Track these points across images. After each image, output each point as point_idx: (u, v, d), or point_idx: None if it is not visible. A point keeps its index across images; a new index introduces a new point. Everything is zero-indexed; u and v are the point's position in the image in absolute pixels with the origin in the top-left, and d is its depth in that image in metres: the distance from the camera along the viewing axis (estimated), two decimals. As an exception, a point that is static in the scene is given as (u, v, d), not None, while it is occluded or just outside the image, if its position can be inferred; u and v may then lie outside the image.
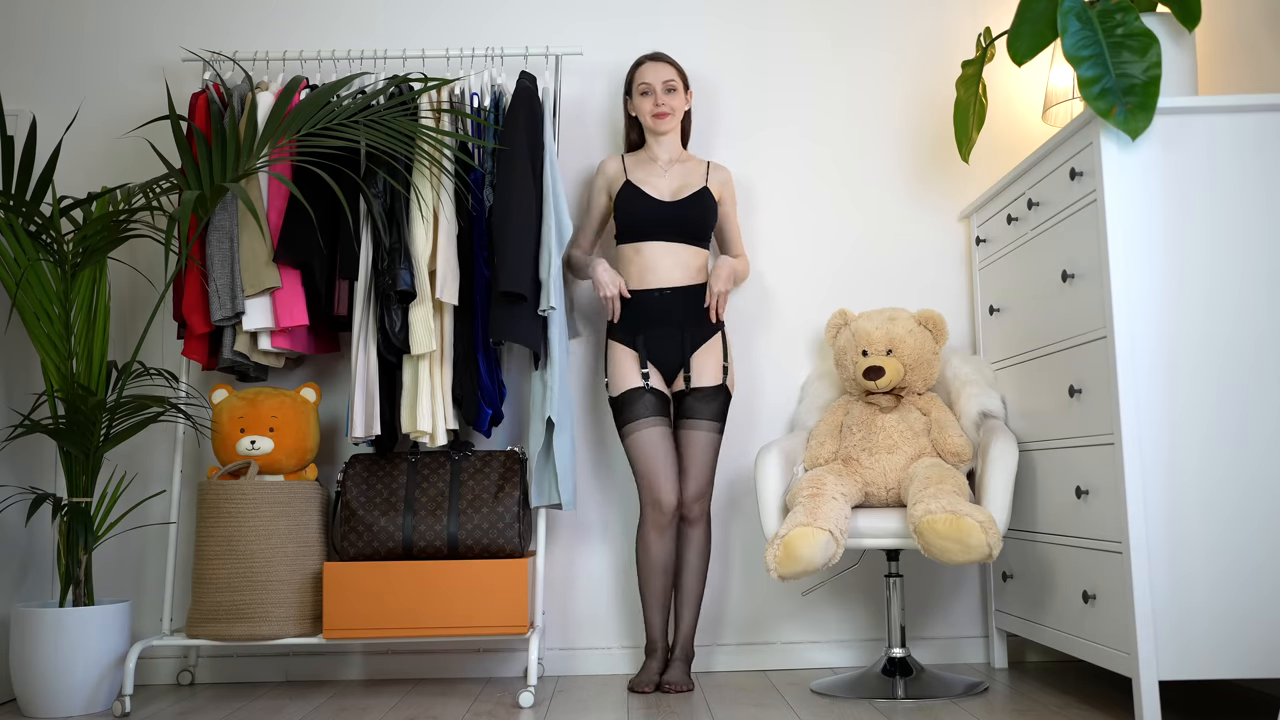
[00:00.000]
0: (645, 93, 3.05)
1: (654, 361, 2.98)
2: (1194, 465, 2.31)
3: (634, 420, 2.92)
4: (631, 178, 3.06)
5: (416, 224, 2.90)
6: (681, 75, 3.09)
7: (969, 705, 2.63)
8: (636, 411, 2.93)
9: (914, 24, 3.43)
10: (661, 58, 3.08)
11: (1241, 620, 2.26)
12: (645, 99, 3.05)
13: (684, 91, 3.09)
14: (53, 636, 2.73)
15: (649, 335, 2.98)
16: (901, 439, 2.87)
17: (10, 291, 2.81)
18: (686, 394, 2.98)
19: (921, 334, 2.95)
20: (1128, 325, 2.34)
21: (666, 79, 3.04)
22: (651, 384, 2.96)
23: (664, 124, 3.05)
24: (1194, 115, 2.38)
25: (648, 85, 3.04)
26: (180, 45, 3.40)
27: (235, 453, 2.93)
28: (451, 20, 3.42)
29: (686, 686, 2.85)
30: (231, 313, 2.92)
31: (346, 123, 2.91)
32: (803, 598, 3.23)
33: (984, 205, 3.17)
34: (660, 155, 3.10)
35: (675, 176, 3.08)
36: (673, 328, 2.98)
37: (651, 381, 2.96)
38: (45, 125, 3.35)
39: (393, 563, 2.84)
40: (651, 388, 2.96)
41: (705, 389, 2.96)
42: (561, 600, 3.23)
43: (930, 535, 2.54)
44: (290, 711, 2.74)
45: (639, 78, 3.06)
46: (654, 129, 3.06)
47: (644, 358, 2.97)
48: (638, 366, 2.97)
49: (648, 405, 2.94)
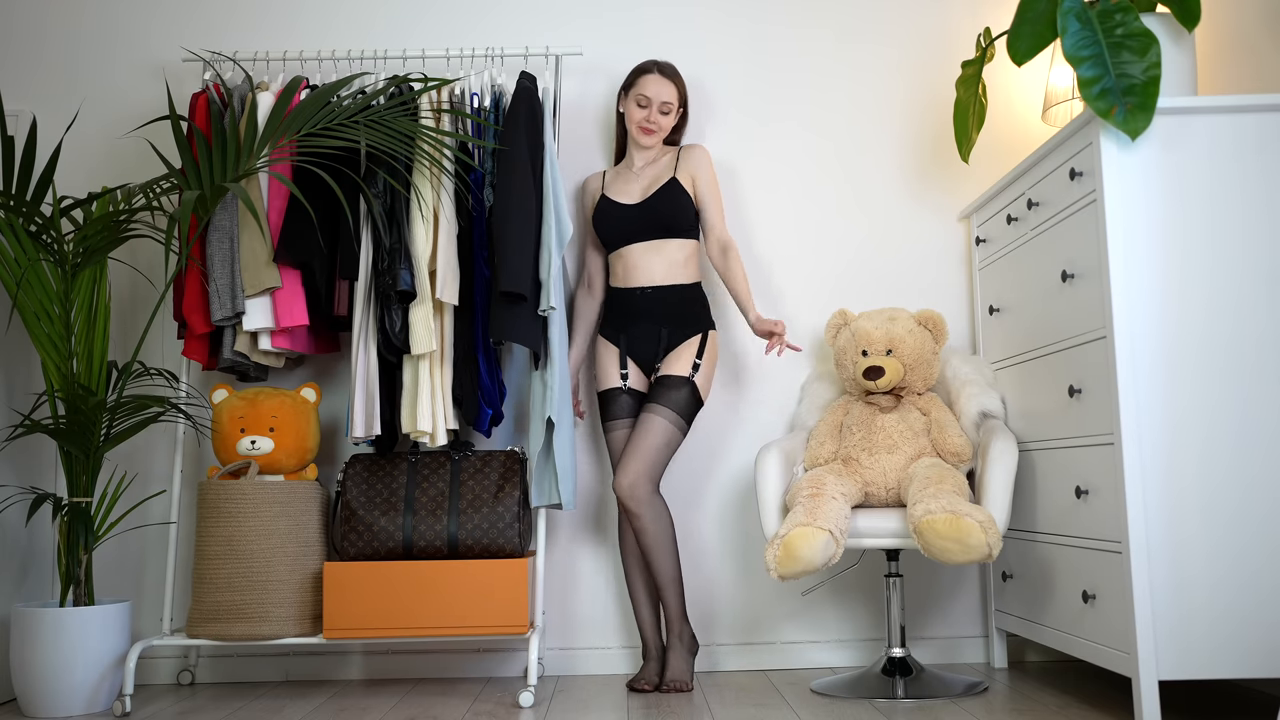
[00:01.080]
0: (642, 105, 3.05)
1: (634, 358, 3.02)
2: (1194, 465, 2.31)
3: (610, 420, 3.02)
4: (607, 191, 3.11)
5: (417, 224, 2.90)
6: (682, 96, 3.10)
7: (969, 705, 2.63)
8: (612, 411, 3.01)
9: (913, 24, 3.43)
10: (669, 74, 3.07)
11: (1241, 620, 2.27)
12: (639, 110, 3.06)
13: (678, 111, 3.10)
14: (53, 636, 2.73)
15: (631, 333, 3.02)
16: (901, 439, 2.87)
17: (11, 291, 2.81)
18: (654, 384, 2.99)
19: (921, 334, 2.95)
20: (1127, 325, 2.34)
21: (665, 100, 3.04)
22: (630, 384, 3.01)
23: (648, 139, 3.07)
24: (1194, 115, 2.39)
25: (646, 99, 3.04)
26: (180, 45, 3.40)
27: (235, 453, 2.93)
28: (451, 20, 3.42)
29: (685, 685, 2.85)
30: (232, 313, 2.92)
31: (347, 123, 2.91)
32: (803, 597, 3.23)
33: (984, 205, 3.17)
34: (637, 161, 3.12)
35: (647, 175, 3.09)
36: (652, 325, 3.01)
37: (630, 381, 3.01)
38: (46, 125, 3.35)
39: (393, 563, 2.84)
40: (629, 388, 3.01)
41: (670, 378, 2.95)
42: (561, 600, 3.23)
43: (930, 535, 2.54)
44: (290, 711, 2.75)
45: (641, 87, 3.05)
46: (638, 141, 3.08)
47: (624, 355, 3.01)
48: (618, 365, 3.02)
49: (623, 406, 3.01)
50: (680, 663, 2.90)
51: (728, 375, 3.30)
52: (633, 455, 2.87)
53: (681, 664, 2.90)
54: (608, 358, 3.04)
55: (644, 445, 2.88)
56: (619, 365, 3.02)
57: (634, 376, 3.01)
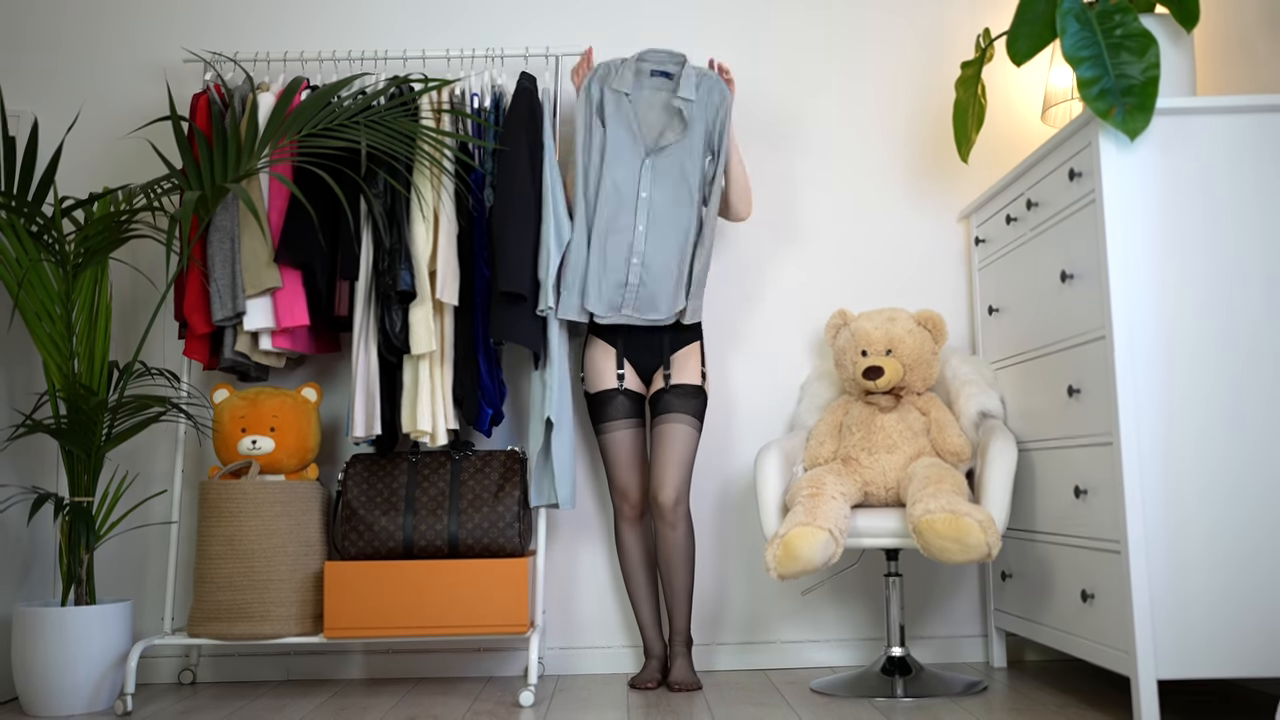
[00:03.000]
0: None
1: (632, 362, 3.00)
2: (1192, 464, 2.31)
3: (607, 421, 2.98)
4: None
5: (417, 224, 2.91)
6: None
7: (968, 704, 2.63)
8: (609, 413, 2.98)
9: (913, 24, 3.43)
10: None
11: (1240, 619, 2.27)
12: None
13: None
14: (55, 636, 2.74)
15: (629, 336, 2.99)
16: (901, 439, 2.88)
17: (12, 292, 2.82)
18: (666, 391, 2.96)
19: (921, 334, 2.96)
20: (1126, 325, 2.34)
21: None
22: (626, 385, 2.98)
23: None
24: (1192, 116, 2.39)
25: None
26: (181, 46, 3.41)
27: (236, 452, 2.94)
28: (452, 21, 3.43)
29: (694, 684, 2.86)
30: (232, 313, 2.93)
31: (347, 123, 2.92)
32: (802, 597, 3.24)
33: (983, 205, 3.17)
34: None
35: None
36: (653, 332, 2.99)
37: (626, 383, 2.99)
38: (47, 126, 3.36)
39: (393, 562, 2.84)
40: (626, 389, 2.98)
41: (685, 386, 2.96)
42: (562, 599, 3.23)
43: (929, 535, 2.54)
44: (291, 711, 2.75)
45: None
46: None
47: (621, 356, 2.98)
48: (614, 366, 2.99)
49: (620, 407, 2.98)
50: (687, 665, 2.93)
51: (728, 375, 3.31)
52: (669, 467, 2.90)
53: (689, 666, 2.93)
54: (603, 358, 3.01)
55: (678, 457, 2.91)
56: (615, 365, 2.99)
57: (629, 378, 3.00)
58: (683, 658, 2.94)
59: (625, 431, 2.98)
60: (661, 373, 2.98)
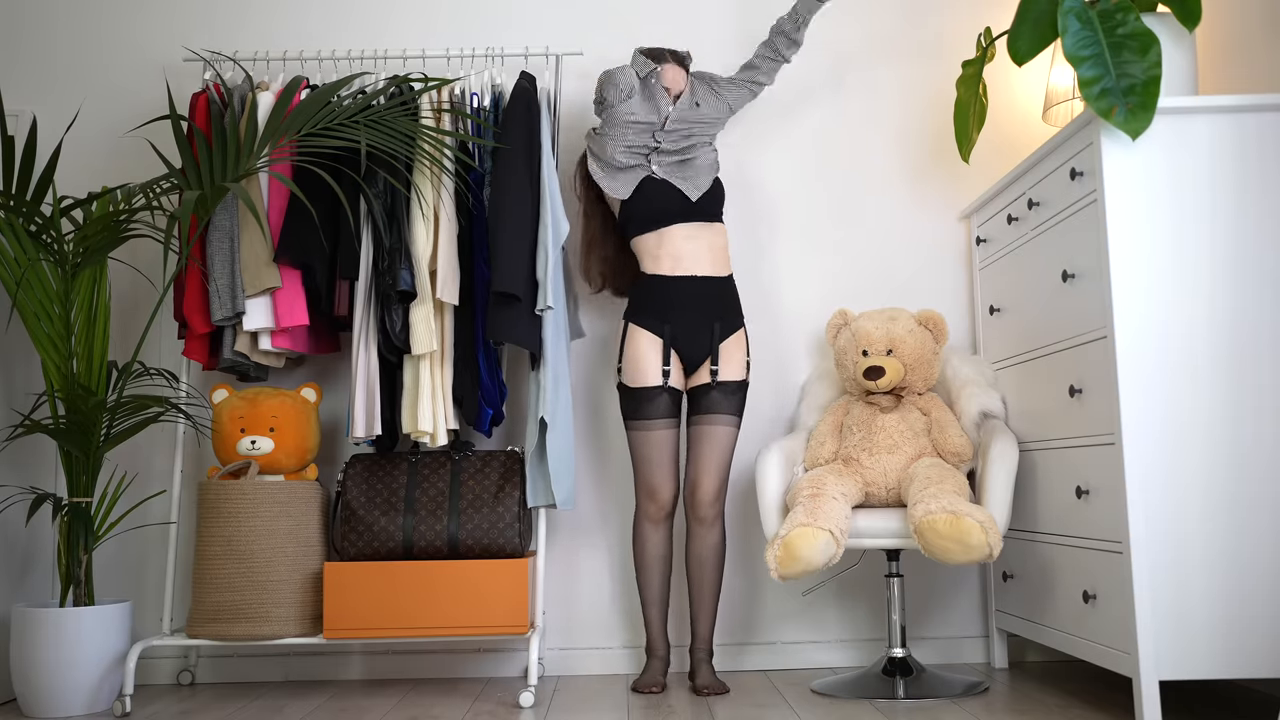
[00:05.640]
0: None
1: (680, 353, 2.90)
2: (1194, 465, 2.31)
3: (646, 419, 2.88)
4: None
5: (417, 224, 2.90)
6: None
7: (969, 705, 2.63)
8: (649, 411, 2.87)
9: (914, 24, 3.43)
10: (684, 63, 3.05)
11: (1241, 620, 2.26)
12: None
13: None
14: (53, 636, 2.73)
15: (677, 324, 2.88)
16: (902, 439, 2.87)
17: (11, 291, 2.81)
18: (712, 388, 2.89)
19: (922, 334, 2.95)
20: (1128, 325, 2.34)
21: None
22: (670, 382, 2.89)
23: None
24: (1194, 115, 2.39)
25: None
26: (181, 45, 3.40)
27: (235, 453, 2.93)
28: (452, 20, 3.42)
29: (722, 688, 2.83)
30: (232, 312, 2.92)
31: (347, 122, 2.91)
32: (803, 598, 3.23)
33: (984, 205, 3.17)
34: None
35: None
36: (704, 318, 2.90)
37: (671, 380, 2.89)
38: (46, 125, 3.35)
39: (393, 563, 2.84)
40: (670, 386, 2.89)
41: (730, 383, 2.90)
42: (561, 600, 3.23)
43: (930, 535, 2.54)
44: (290, 711, 2.74)
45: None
46: None
47: (668, 348, 2.89)
48: (660, 358, 2.89)
49: (662, 406, 2.88)
50: (712, 669, 2.90)
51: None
52: (711, 468, 2.87)
53: (713, 670, 2.90)
54: (649, 350, 2.88)
55: (720, 459, 2.88)
56: (662, 360, 2.88)
57: (674, 374, 2.90)
58: (706, 663, 2.90)
59: (664, 432, 2.89)
60: (708, 366, 2.90)
